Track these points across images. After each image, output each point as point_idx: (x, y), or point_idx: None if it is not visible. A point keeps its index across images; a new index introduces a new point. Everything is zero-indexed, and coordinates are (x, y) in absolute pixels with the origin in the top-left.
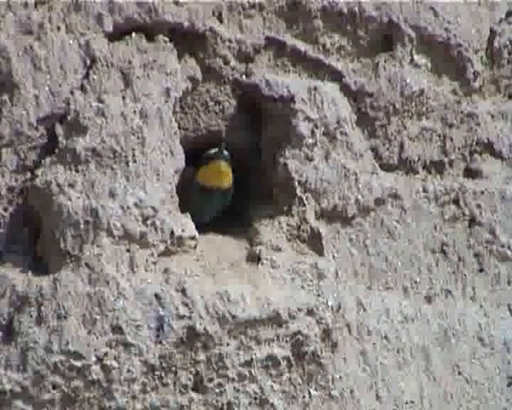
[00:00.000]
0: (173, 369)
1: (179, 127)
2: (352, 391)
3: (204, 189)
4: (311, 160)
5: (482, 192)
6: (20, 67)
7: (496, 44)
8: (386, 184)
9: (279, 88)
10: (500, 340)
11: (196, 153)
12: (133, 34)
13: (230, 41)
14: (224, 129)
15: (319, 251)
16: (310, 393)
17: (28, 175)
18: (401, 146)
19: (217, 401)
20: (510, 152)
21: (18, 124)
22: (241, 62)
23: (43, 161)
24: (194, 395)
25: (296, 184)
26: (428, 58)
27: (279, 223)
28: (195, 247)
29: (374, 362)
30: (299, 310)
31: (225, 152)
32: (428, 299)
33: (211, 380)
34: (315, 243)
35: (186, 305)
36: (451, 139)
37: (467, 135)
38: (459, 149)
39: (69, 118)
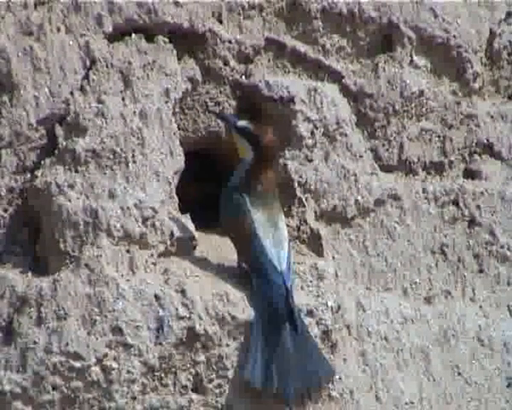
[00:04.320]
0: (173, 370)
1: (179, 128)
2: (351, 392)
3: None
4: (310, 161)
5: (482, 193)
6: (19, 67)
7: (495, 45)
8: (385, 185)
9: (279, 89)
10: (500, 341)
11: (196, 154)
12: (133, 35)
13: (230, 42)
14: (223, 130)
15: (319, 252)
16: (309, 393)
17: (28, 176)
18: (401, 147)
19: (216, 402)
20: (510, 153)
21: (18, 125)
22: (241, 63)
23: (42, 161)
24: (193, 395)
25: (296, 184)
26: (428, 59)
27: None
28: (195, 247)
29: (373, 363)
30: (299, 311)
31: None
32: (428, 300)
33: (210, 381)
34: (315, 243)
35: (186, 306)
36: (451, 140)
37: (466, 136)
38: (459, 149)
39: (69, 119)
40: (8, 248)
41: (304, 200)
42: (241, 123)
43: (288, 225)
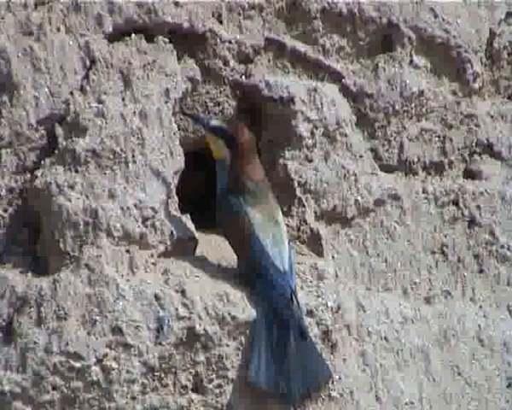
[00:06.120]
0: (173, 370)
1: (179, 128)
2: (351, 392)
3: None
4: (310, 161)
5: (482, 193)
6: (19, 68)
7: (495, 45)
8: (385, 185)
9: (279, 89)
10: (500, 341)
11: (196, 154)
12: (133, 35)
13: (230, 42)
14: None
15: (319, 252)
16: (309, 393)
17: (28, 176)
18: (401, 147)
19: (216, 402)
20: (510, 153)
21: (18, 125)
22: (241, 63)
23: (42, 161)
24: (193, 395)
25: (296, 184)
26: (428, 59)
27: None
28: (195, 247)
29: (373, 363)
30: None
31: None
32: (428, 300)
33: (210, 381)
34: (314, 243)
35: (186, 306)
36: (451, 140)
37: (466, 136)
38: (459, 149)
39: (69, 119)
40: (8, 248)
41: (304, 200)
42: (215, 123)
43: (287, 225)
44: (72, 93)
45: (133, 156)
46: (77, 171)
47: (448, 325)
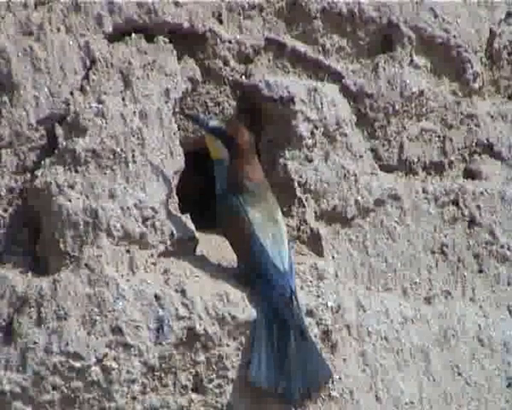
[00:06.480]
0: (173, 370)
1: (179, 128)
2: (351, 392)
3: None
4: (310, 161)
5: (482, 193)
6: (19, 68)
7: (495, 45)
8: (385, 185)
9: (279, 89)
10: (500, 341)
11: (196, 154)
12: (133, 35)
13: (230, 42)
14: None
15: (319, 252)
16: (309, 393)
17: (28, 176)
18: (401, 147)
19: (216, 402)
20: (510, 153)
21: (18, 125)
22: (241, 63)
23: (42, 161)
24: (193, 395)
25: (296, 184)
26: (428, 59)
27: None
28: (195, 247)
29: (373, 363)
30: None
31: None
32: (428, 300)
33: (210, 381)
34: (315, 243)
35: (186, 306)
36: (451, 140)
37: (466, 136)
38: (459, 149)
39: (69, 119)
40: (8, 248)
41: (304, 200)
42: (214, 123)
43: (288, 225)
44: (72, 93)
45: (133, 156)
46: (77, 171)
47: (448, 325)
